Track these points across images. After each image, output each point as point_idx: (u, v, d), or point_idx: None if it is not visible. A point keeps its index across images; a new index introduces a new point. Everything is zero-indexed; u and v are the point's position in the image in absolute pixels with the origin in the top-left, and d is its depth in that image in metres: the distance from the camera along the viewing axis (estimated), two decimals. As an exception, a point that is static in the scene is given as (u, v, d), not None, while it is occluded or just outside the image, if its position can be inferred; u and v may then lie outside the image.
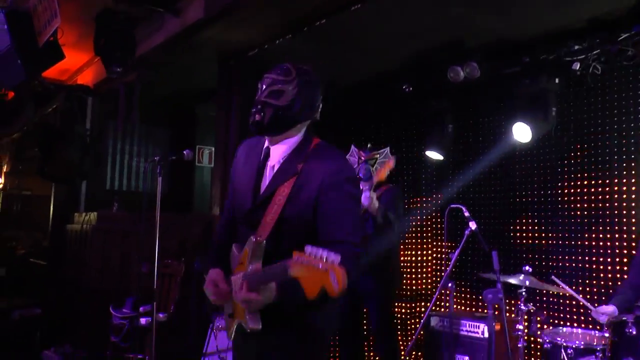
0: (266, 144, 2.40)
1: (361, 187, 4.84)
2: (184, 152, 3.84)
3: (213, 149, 7.96)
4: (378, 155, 4.76)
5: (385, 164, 4.57)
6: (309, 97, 2.30)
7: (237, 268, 2.36)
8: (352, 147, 4.94)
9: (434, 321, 5.20)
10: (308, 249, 1.78)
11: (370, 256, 4.61)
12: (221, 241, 2.55)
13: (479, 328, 4.87)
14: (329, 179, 2.20)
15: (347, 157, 4.93)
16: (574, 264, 4.88)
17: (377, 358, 6.13)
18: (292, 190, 2.22)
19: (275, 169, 2.32)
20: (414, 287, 6.21)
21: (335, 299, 2.29)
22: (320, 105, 2.38)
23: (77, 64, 7.74)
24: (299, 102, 2.26)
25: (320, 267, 1.75)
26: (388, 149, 4.79)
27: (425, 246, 6.25)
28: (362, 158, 4.79)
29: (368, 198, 4.44)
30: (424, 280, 6.24)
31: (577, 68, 4.63)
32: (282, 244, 2.21)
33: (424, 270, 6.25)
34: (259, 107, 2.27)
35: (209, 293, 2.40)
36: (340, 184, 2.21)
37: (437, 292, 4.31)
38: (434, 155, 5.74)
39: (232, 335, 2.44)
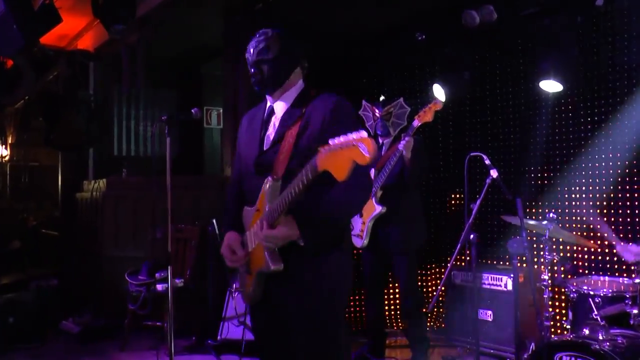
0: (269, 103, 2.67)
1: (380, 142, 4.81)
2: (192, 110, 3.79)
3: (221, 109, 7.93)
4: (392, 109, 4.70)
5: (430, 108, 4.48)
6: (292, 46, 2.61)
7: (253, 221, 2.53)
8: (363, 102, 4.88)
9: (455, 276, 5.21)
10: (331, 140, 1.92)
11: (397, 209, 4.60)
12: (233, 207, 2.76)
13: (501, 281, 4.88)
14: (330, 114, 2.44)
15: (360, 113, 4.88)
16: (598, 210, 4.83)
17: (400, 315, 6.19)
18: (300, 129, 2.46)
19: (280, 118, 2.59)
20: (433, 242, 6.22)
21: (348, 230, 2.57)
22: (303, 52, 2.67)
23: (76, 28, 7.68)
24: (286, 52, 2.57)
25: (347, 145, 1.85)
26: (402, 99, 4.73)
27: (444, 198, 6.23)
28: (377, 114, 4.72)
29: (406, 142, 4.39)
30: (443, 233, 6.23)
31: (601, 4, 4.49)
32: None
33: (444, 222, 6.24)
34: (255, 68, 2.58)
35: (226, 258, 2.62)
36: (342, 118, 2.45)
37: (459, 245, 4.29)
38: (439, 93, 5.58)
39: (249, 295, 2.55)
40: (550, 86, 4.90)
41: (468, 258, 4.36)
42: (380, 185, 4.59)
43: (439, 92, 5.57)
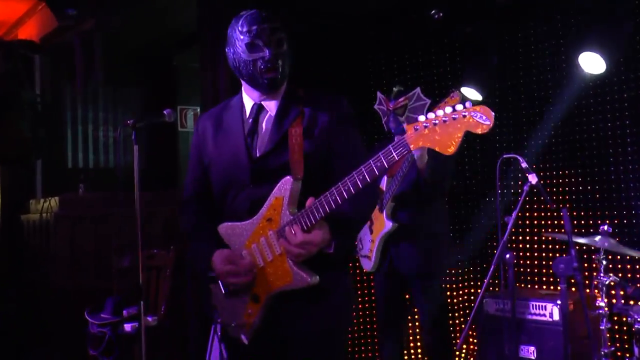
0: (251, 101, 2.78)
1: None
2: (164, 112, 3.76)
3: (198, 109, 7.91)
4: (408, 101, 4.69)
5: (446, 103, 4.45)
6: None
7: (254, 235, 2.62)
8: (378, 94, 4.86)
9: (489, 304, 5.17)
10: (428, 115, 2.19)
11: (412, 224, 4.56)
12: (204, 228, 2.81)
13: (546, 309, 4.83)
14: (335, 115, 2.69)
15: (376, 107, 4.87)
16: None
17: (423, 351, 6.15)
18: (304, 129, 2.64)
19: (273, 117, 2.72)
20: (460, 263, 6.18)
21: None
22: None
23: (15, 13, 7.67)
24: (290, 44, 2.72)
25: (455, 118, 2.13)
26: (419, 89, 4.71)
27: (472, 209, 6.18)
28: (390, 108, 4.71)
29: (420, 148, 4.35)
30: (472, 253, 6.19)
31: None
32: (312, 181, 2.58)
33: (473, 239, 6.19)
34: (274, 62, 2.65)
35: (230, 274, 2.62)
36: (347, 120, 2.73)
37: (492, 267, 4.26)
38: (471, 93, 5.60)
39: (251, 327, 2.63)
40: (591, 64, 4.84)
41: (504, 282, 4.31)
42: (392, 196, 4.56)
43: (470, 94, 5.55)
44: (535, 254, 5.59)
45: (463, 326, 6.01)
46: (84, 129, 7.70)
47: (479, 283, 6.06)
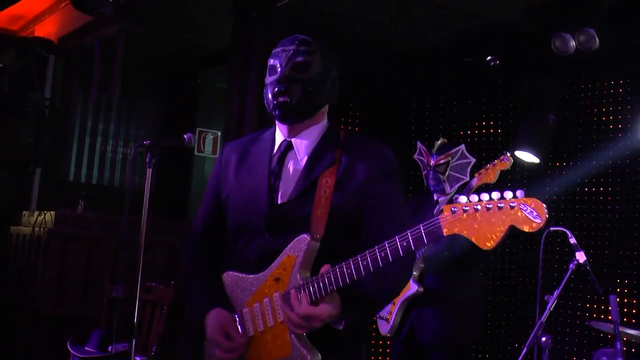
0: (281, 137, 2.68)
1: (435, 198, 4.79)
2: (185, 136, 3.75)
3: (219, 133, 7.94)
4: (450, 158, 4.70)
5: (495, 165, 4.49)
6: (333, 72, 2.64)
7: (258, 293, 2.51)
8: (419, 144, 4.89)
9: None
10: (462, 198, 2.12)
11: (441, 289, 4.55)
12: (205, 273, 2.71)
13: (585, 406, 4.78)
14: (376, 168, 2.55)
15: (415, 157, 4.89)
16: None
17: None
18: (337, 178, 2.52)
19: (304, 160, 2.61)
20: (489, 341, 6.12)
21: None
22: (340, 88, 2.71)
23: (35, 9, 7.77)
24: (327, 78, 2.60)
25: (500, 208, 2.08)
26: (463, 146, 4.72)
27: (509, 282, 6.15)
28: (431, 164, 4.72)
29: None
30: (504, 330, 6.15)
31: None
32: (333, 242, 2.46)
33: (508, 315, 6.16)
34: (284, 85, 2.53)
35: (220, 345, 2.48)
36: (390, 175, 2.58)
37: (525, 348, 4.22)
38: (527, 157, 5.65)
39: None
40: None
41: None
42: (422, 257, 4.56)
43: (526, 158, 5.59)
44: (575, 341, 5.53)
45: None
46: (92, 141, 7.70)
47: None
